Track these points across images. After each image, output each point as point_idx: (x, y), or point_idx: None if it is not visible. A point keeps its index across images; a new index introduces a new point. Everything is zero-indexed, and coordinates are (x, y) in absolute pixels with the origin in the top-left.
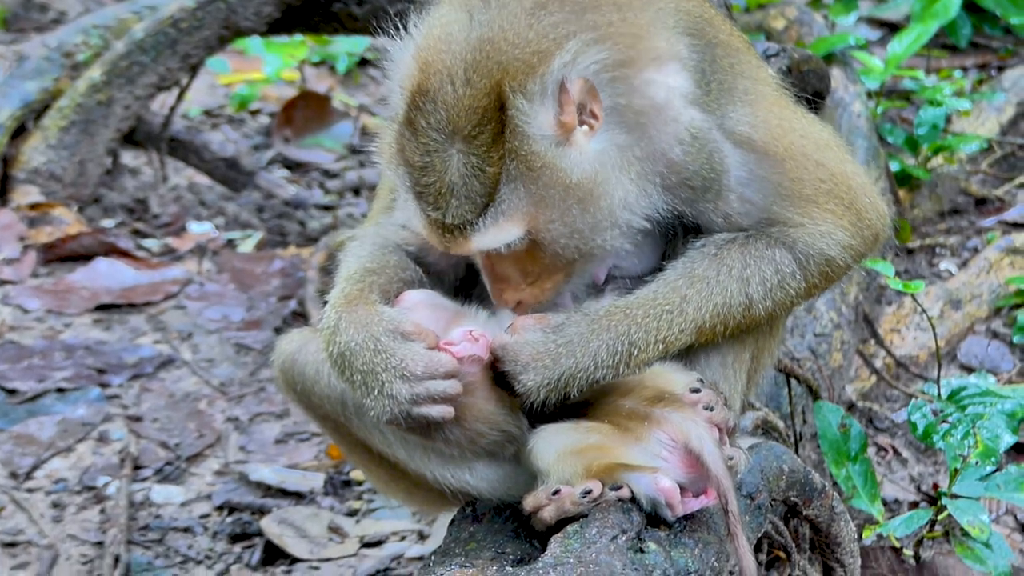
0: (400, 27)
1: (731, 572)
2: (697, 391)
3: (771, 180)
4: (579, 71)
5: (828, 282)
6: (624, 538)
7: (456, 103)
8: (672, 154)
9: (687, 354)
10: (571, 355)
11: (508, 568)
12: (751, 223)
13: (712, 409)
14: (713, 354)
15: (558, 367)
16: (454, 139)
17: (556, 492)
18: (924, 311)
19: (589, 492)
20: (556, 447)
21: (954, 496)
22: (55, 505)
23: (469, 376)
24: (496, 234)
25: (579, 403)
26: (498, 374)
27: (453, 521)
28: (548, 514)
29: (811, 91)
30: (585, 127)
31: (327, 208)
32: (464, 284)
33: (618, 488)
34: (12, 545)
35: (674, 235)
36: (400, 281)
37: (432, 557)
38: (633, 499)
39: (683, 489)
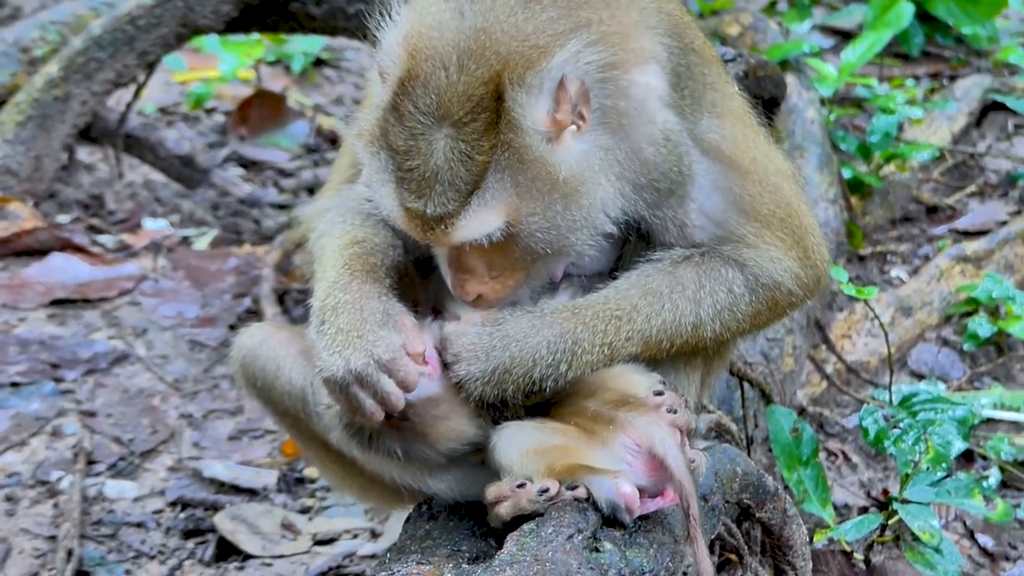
0: (384, 15)
1: (685, 573)
2: (660, 394)
3: (732, 192)
4: (577, 71)
5: (773, 312)
6: (580, 537)
7: (449, 88)
8: (645, 154)
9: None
10: (505, 349)
11: (465, 565)
12: (705, 237)
13: (675, 412)
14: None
15: (491, 360)
16: (442, 124)
17: (521, 485)
18: (877, 317)
19: (546, 491)
20: (520, 446)
21: (905, 501)
22: (8, 499)
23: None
24: (477, 225)
25: (543, 404)
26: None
27: (409, 518)
28: (505, 510)
29: (767, 96)
30: (573, 127)
31: (282, 207)
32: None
33: (574, 488)
34: None
35: (626, 241)
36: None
37: (388, 554)
38: (589, 499)
39: (641, 490)
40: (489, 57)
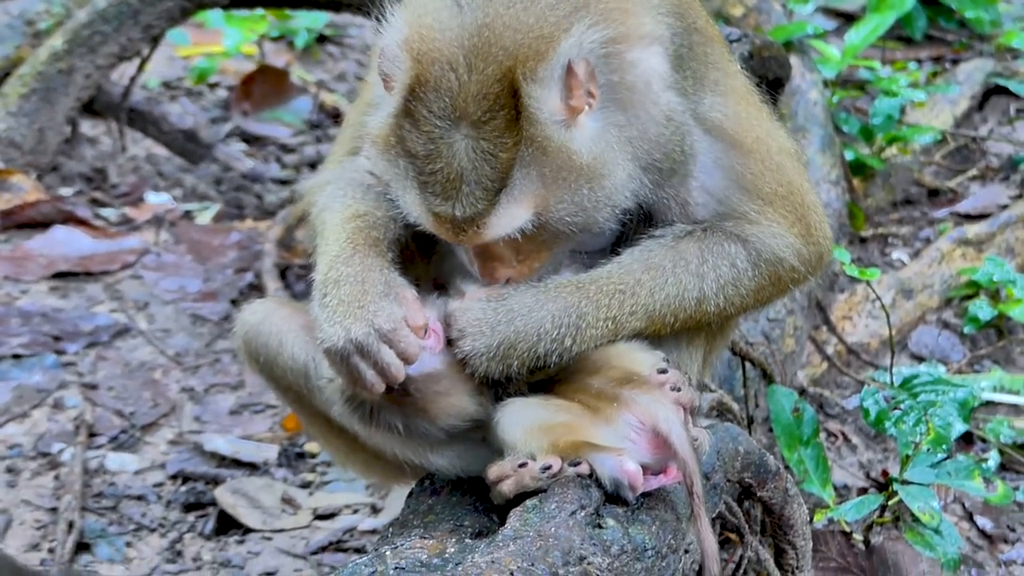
0: (378, 18)
1: (687, 550)
2: (664, 372)
3: (735, 170)
4: (582, 51)
5: (776, 288)
6: (583, 514)
7: (461, 90)
8: (650, 133)
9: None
10: (510, 323)
11: (467, 540)
12: (707, 215)
13: (679, 390)
14: (669, 335)
15: (496, 334)
16: (460, 125)
17: (523, 464)
18: (879, 298)
19: (549, 468)
20: (523, 422)
21: (905, 482)
22: (9, 470)
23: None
24: (508, 221)
25: (546, 381)
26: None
27: (411, 494)
28: (508, 487)
29: (771, 77)
30: (587, 107)
31: (284, 182)
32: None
33: (577, 464)
34: None
35: (629, 219)
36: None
37: (390, 529)
38: (592, 475)
39: (644, 468)
40: (497, 53)
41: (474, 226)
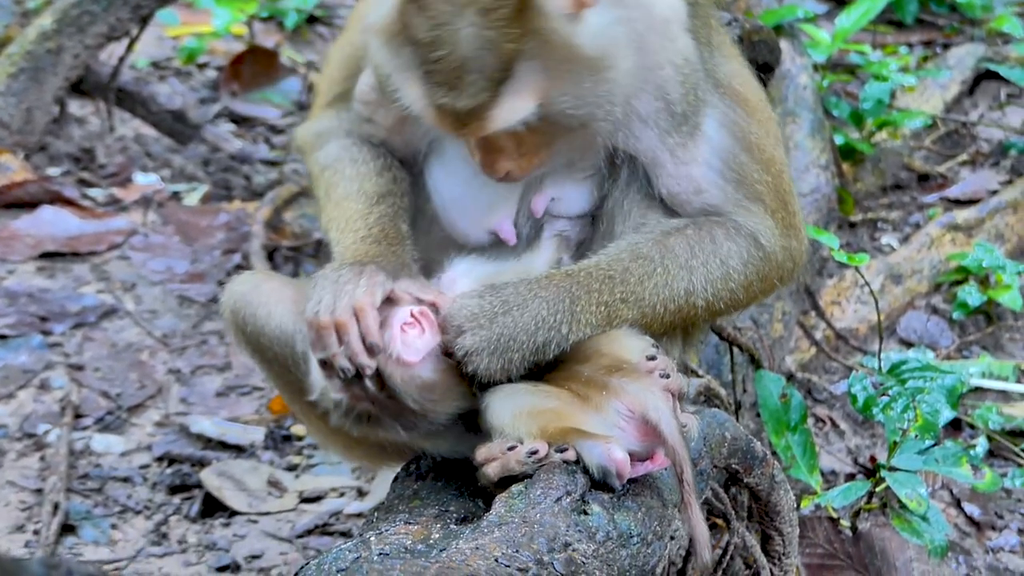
0: None
1: (672, 536)
2: (653, 359)
3: (741, 128)
4: None
5: (765, 284)
6: (568, 500)
7: None
8: (663, 71)
9: None
10: (508, 313)
11: (452, 526)
12: (710, 180)
13: (668, 377)
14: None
15: (495, 326)
16: (465, 12)
17: (511, 448)
18: (867, 284)
19: (535, 452)
20: (513, 407)
21: (893, 469)
22: None
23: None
24: (511, 112)
25: (537, 368)
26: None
27: (397, 478)
28: (493, 469)
29: (761, 61)
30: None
31: (273, 163)
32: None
33: (564, 450)
34: None
35: (613, 179)
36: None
37: (375, 513)
38: (578, 461)
39: (631, 455)
40: None
41: (476, 118)
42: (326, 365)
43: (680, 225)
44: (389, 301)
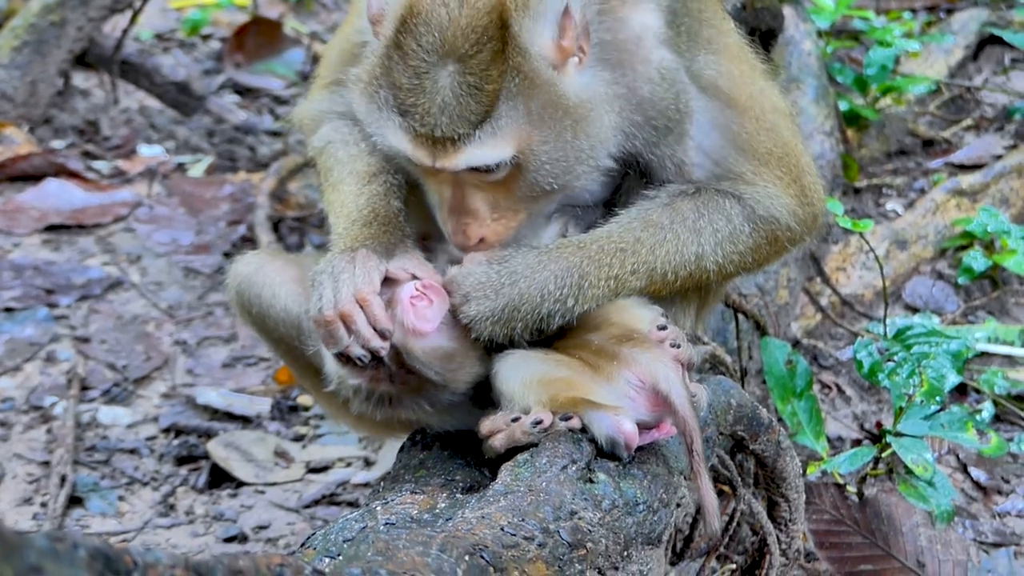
0: None
1: (678, 504)
2: (664, 328)
3: (730, 129)
4: (578, 1)
5: (773, 247)
6: (574, 468)
7: (451, 24)
8: (642, 92)
9: None
10: (514, 285)
11: (458, 495)
12: (703, 175)
13: (678, 347)
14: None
15: (501, 297)
16: (447, 61)
17: (516, 419)
18: (872, 250)
19: (540, 422)
20: (523, 375)
21: (899, 434)
22: (1, 424)
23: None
24: (489, 150)
25: (547, 336)
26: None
27: (403, 448)
28: (499, 442)
29: (764, 29)
30: (576, 59)
31: (277, 134)
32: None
33: (568, 418)
34: None
35: (625, 175)
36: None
37: (381, 483)
38: (584, 430)
39: (639, 424)
40: None
41: (453, 146)
42: (342, 358)
43: (687, 188)
44: (389, 281)
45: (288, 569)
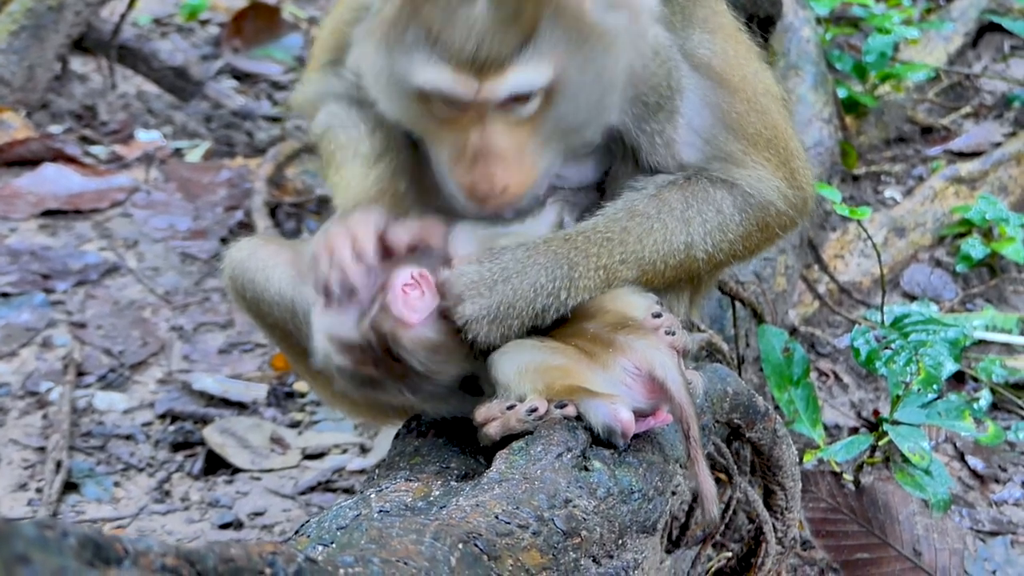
0: None
1: (674, 492)
2: (658, 316)
3: (721, 108)
4: None
5: (764, 235)
6: (569, 456)
7: None
8: (635, 66)
9: None
10: (507, 281)
11: (453, 483)
12: (693, 154)
13: (673, 334)
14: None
15: (495, 294)
16: None
17: (511, 407)
18: (870, 237)
19: (535, 410)
20: (518, 363)
21: (895, 423)
22: None
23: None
24: (533, 73)
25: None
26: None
27: (398, 435)
28: (494, 430)
29: (763, 15)
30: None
31: (275, 120)
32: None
33: (563, 406)
34: None
35: (614, 156)
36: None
37: (376, 470)
38: (579, 417)
39: (636, 412)
40: None
41: (497, 71)
42: (322, 291)
43: (675, 179)
44: (389, 260)
45: (280, 557)
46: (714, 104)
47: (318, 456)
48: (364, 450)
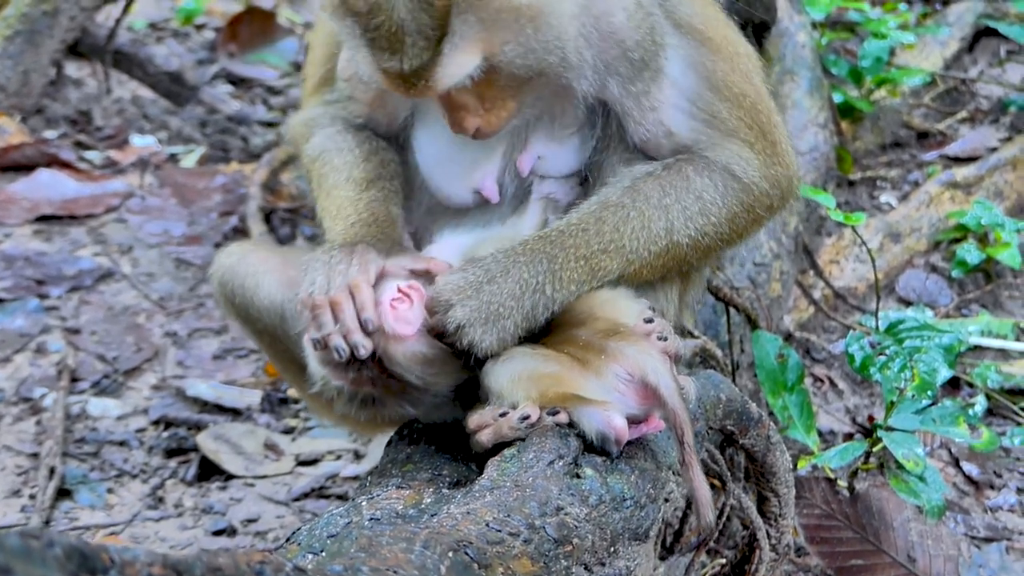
0: None
1: (666, 499)
2: (650, 321)
3: (705, 67)
4: None
5: (750, 216)
6: (561, 463)
7: None
8: (614, 18)
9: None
10: (492, 281)
11: (445, 490)
12: (680, 120)
13: (665, 339)
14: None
15: (482, 294)
16: None
17: (504, 414)
18: (864, 243)
19: (527, 417)
20: (511, 371)
21: (890, 429)
22: None
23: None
24: (456, 69)
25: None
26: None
27: (390, 442)
28: (486, 437)
29: (757, 20)
30: None
31: (270, 125)
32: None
33: (556, 413)
34: None
35: (599, 139)
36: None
37: (369, 477)
38: (571, 425)
39: (629, 419)
40: None
41: (422, 78)
42: (320, 346)
43: (649, 169)
44: (383, 279)
45: (268, 566)
46: (698, 63)
47: (312, 462)
48: (358, 456)
